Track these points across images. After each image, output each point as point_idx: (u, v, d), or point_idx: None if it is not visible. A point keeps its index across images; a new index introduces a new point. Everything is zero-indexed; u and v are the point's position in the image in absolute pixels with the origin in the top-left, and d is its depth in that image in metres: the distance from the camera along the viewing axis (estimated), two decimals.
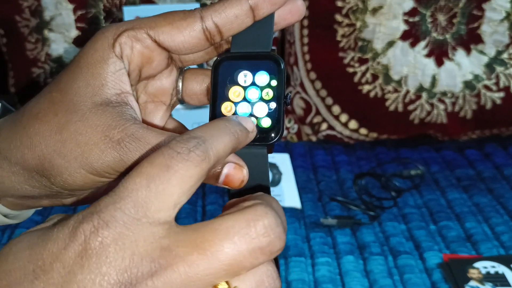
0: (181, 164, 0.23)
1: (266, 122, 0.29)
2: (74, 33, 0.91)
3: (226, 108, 0.30)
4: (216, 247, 0.22)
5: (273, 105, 0.29)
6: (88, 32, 0.91)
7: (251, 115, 0.29)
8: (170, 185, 0.23)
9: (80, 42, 0.91)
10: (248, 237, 0.22)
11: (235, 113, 0.29)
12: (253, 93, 0.29)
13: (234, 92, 0.30)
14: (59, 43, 0.91)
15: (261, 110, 0.29)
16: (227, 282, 0.23)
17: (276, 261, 0.31)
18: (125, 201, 0.23)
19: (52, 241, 0.23)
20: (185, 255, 0.22)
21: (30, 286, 0.23)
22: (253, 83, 0.29)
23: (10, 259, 0.24)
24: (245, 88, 0.30)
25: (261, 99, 0.29)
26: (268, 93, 0.29)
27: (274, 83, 0.29)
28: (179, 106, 0.70)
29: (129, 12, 0.79)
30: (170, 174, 0.23)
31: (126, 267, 0.22)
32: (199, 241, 0.22)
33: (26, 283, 0.23)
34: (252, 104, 0.29)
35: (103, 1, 0.89)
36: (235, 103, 0.30)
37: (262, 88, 0.29)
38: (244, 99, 0.29)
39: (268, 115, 0.29)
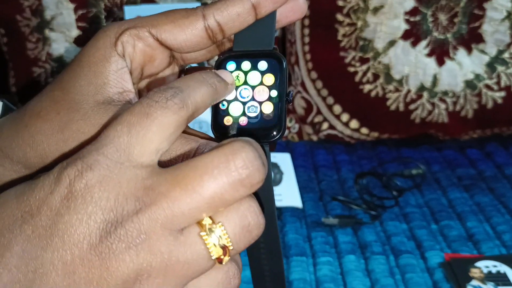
0: (159, 111, 0.24)
1: (271, 120, 0.29)
2: (75, 32, 0.91)
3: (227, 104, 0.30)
4: (197, 182, 0.23)
5: (276, 103, 0.29)
6: (89, 31, 0.91)
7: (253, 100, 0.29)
8: (150, 131, 0.24)
9: (81, 41, 0.91)
10: (227, 170, 0.23)
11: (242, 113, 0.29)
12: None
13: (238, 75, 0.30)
14: (60, 42, 0.91)
15: (267, 108, 0.29)
16: (211, 218, 0.24)
17: (279, 258, 0.31)
18: (108, 147, 0.24)
19: (38, 187, 0.24)
20: (167, 192, 0.23)
21: (19, 230, 0.23)
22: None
23: None
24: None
25: (261, 95, 0.29)
26: (273, 91, 0.29)
27: (277, 81, 0.29)
28: None
29: (130, 12, 0.79)
30: (149, 121, 0.24)
31: (111, 206, 0.23)
32: (180, 178, 0.23)
33: (15, 228, 0.23)
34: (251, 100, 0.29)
35: (104, 0, 0.89)
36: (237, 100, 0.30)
37: (263, 85, 0.29)
38: (251, 98, 0.29)
39: (273, 112, 0.29)
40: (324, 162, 0.86)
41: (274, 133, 0.29)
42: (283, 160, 0.83)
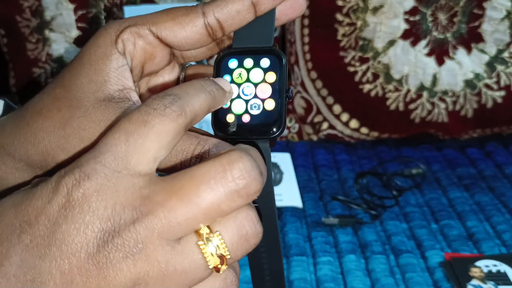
0: (157, 119, 0.24)
1: (271, 116, 0.29)
2: (75, 33, 0.91)
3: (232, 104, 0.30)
4: (194, 192, 0.23)
5: (276, 99, 0.29)
6: (89, 32, 0.91)
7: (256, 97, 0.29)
8: (148, 139, 0.24)
9: (81, 42, 0.91)
10: (224, 180, 0.23)
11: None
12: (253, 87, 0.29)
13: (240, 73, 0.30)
14: (60, 43, 0.92)
15: (267, 104, 0.29)
16: (208, 227, 0.24)
17: (279, 257, 0.31)
18: (105, 155, 0.24)
19: (36, 197, 0.24)
20: (164, 202, 0.23)
21: (17, 240, 0.23)
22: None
23: None
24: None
25: (262, 93, 0.29)
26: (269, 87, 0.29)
27: (277, 77, 0.29)
28: None
29: (130, 12, 0.79)
30: (147, 129, 0.24)
31: (109, 215, 0.23)
32: (177, 188, 0.23)
33: (13, 238, 0.23)
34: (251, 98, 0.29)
35: (103, 0, 0.89)
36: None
37: (263, 82, 0.29)
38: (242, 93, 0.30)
39: (273, 108, 0.29)
40: (324, 161, 0.86)
41: (274, 129, 0.29)
42: (283, 160, 0.83)
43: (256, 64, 0.29)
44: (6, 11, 0.91)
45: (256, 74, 0.29)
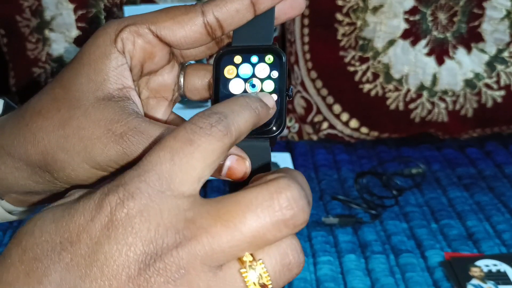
0: (203, 139, 0.23)
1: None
2: (75, 32, 0.91)
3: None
4: (239, 219, 0.22)
5: (275, 97, 0.29)
6: (88, 31, 0.91)
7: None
8: (194, 159, 0.23)
9: (80, 41, 0.91)
10: (271, 209, 0.22)
11: None
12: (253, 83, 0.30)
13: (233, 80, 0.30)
14: (60, 43, 0.92)
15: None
16: (252, 255, 0.23)
17: None
18: (150, 174, 0.23)
19: (78, 213, 0.23)
20: (208, 227, 0.22)
21: (58, 257, 0.23)
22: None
23: (36, 233, 0.24)
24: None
25: (261, 91, 0.29)
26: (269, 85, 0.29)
27: (276, 75, 0.29)
28: (180, 105, 0.70)
29: (130, 12, 0.79)
30: (193, 148, 0.23)
31: (151, 238, 0.22)
32: (222, 212, 0.22)
33: (54, 255, 0.23)
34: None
35: (103, 0, 0.89)
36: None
37: (262, 80, 0.29)
38: (244, 91, 0.30)
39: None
40: (324, 161, 0.86)
41: (274, 128, 0.29)
42: (283, 159, 0.83)
43: (256, 63, 0.29)
44: (6, 11, 0.91)
45: (262, 70, 0.29)
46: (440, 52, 0.86)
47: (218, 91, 0.30)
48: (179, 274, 0.22)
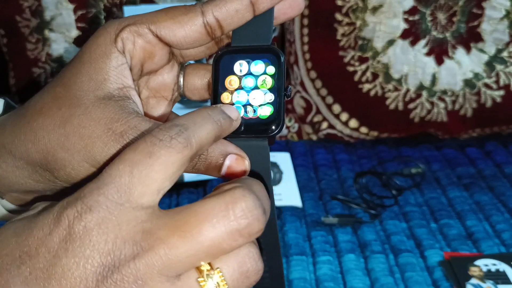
0: (163, 151, 0.24)
1: (266, 112, 0.29)
2: (75, 33, 0.91)
3: (227, 98, 0.30)
4: (196, 230, 0.23)
5: (273, 96, 0.29)
6: (88, 32, 0.91)
7: (249, 104, 0.29)
8: (153, 171, 0.24)
9: (80, 42, 0.91)
10: (226, 219, 0.23)
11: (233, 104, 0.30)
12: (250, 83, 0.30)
13: (231, 81, 0.30)
14: (60, 43, 0.92)
15: (259, 100, 0.29)
16: (209, 264, 0.23)
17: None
18: (109, 187, 0.23)
19: (37, 227, 0.24)
20: (165, 238, 0.23)
21: (17, 271, 0.23)
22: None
23: None
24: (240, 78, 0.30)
25: (259, 90, 0.29)
26: (267, 84, 0.29)
27: (275, 75, 0.29)
28: (180, 105, 0.70)
29: (130, 12, 0.79)
30: (152, 160, 0.24)
31: (109, 250, 0.23)
32: (179, 223, 0.23)
33: (13, 269, 0.23)
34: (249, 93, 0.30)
35: (103, 0, 0.90)
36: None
37: (261, 80, 0.30)
38: (242, 89, 0.30)
39: (272, 107, 0.29)
40: (323, 161, 0.86)
41: (273, 127, 0.29)
42: (282, 159, 0.83)
43: (255, 62, 0.29)
44: (6, 11, 0.91)
45: (257, 70, 0.29)
46: (439, 52, 0.86)
47: (217, 91, 0.30)
48: (137, 285, 0.22)
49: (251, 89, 0.29)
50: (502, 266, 0.61)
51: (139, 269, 0.22)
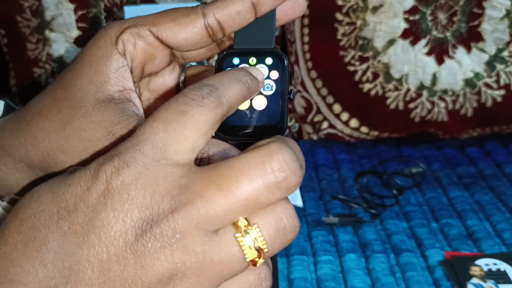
0: (195, 110, 0.24)
1: (274, 117, 0.29)
2: (75, 33, 0.91)
3: None
4: (232, 183, 0.22)
5: (278, 100, 0.29)
6: (89, 32, 0.91)
7: (260, 110, 0.29)
8: (187, 129, 0.24)
9: (81, 42, 0.92)
10: (263, 172, 0.23)
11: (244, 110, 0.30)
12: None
13: None
14: (60, 43, 0.92)
15: (269, 105, 0.29)
16: (246, 219, 0.23)
17: (274, 260, 0.31)
18: (144, 144, 0.23)
19: (74, 183, 0.24)
20: (202, 192, 0.22)
21: (55, 226, 0.23)
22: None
23: (33, 204, 0.24)
24: None
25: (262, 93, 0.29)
26: (272, 88, 0.29)
27: (279, 79, 0.29)
28: None
29: (130, 12, 0.79)
30: (186, 118, 0.24)
31: (147, 204, 0.23)
32: (216, 177, 0.23)
33: (51, 224, 0.23)
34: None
35: (104, 0, 0.90)
36: None
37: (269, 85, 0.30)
38: None
39: (275, 110, 0.29)
40: (324, 161, 0.86)
41: (276, 131, 0.29)
42: None
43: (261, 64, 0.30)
44: (6, 11, 0.91)
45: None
46: (440, 52, 0.86)
47: None
48: (175, 239, 0.22)
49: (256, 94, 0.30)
50: (503, 266, 0.61)
51: (177, 223, 0.22)
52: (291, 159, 0.23)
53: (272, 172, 0.23)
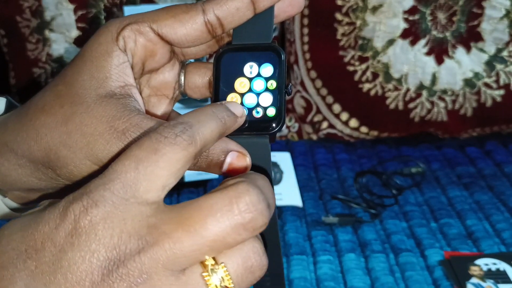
0: (168, 148, 0.24)
1: (271, 112, 0.30)
2: (75, 33, 0.91)
3: (232, 99, 0.30)
4: (200, 224, 0.23)
5: (275, 95, 0.29)
6: (89, 32, 0.91)
7: (258, 105, 0.30)
8: (158, 167, 0.24)
9: (81, 42, 0.92)
10: (230, 213, 0.23)
11: (241, 104, 0.30)
12: (259, 84, 0.30)
13: (241, 83, 0.30)
14: (60, 43, 0.92)
15: (267, 100, 0.30)
16: (214, 258, 0.24)
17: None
18: (114, 182, 0.24)
19: (43, 222, 0.24)
20: (170, 232, 0.23)
21: (23, 265, 0.23)
22: (259, 74, 0.30)
23: (3, 242, 0.24)
24: (250, 79, 0.30)
25: (266, 89, 0.30)
26: (272, 84, 0.30)
27: (276, 73, 0.30)
28: (180, 105, 0.70)
29: (130, 12, 0.79)
30: (157, 156, 0.24)
31: (114, 244, 0.23)
32: (184, 218, 0.23)
33: (19, 263, 0.23)
34: (257, 94, 0.30)
35: (103, 1, 0.90)
36: (242, 94, 0.30)
37: (267, 79, 0.30)
38: (250, 90, 0.30)
39: (273, 105, 0.29)
40: (324, 161, 0.86)
41: (274, 125, 0.29)
42: (283, 159, 0.84)
43: (255, 61, 0.30)
44: (6, 11, 0.91)
45: (256, 71, 0.30)
46: (439, 52, 0.87)
47: (218, 89, 0.30)
48: (142, 279, 0.22)
49: (248, 92, 0.30)
50: (502, 265, 0.61)
51: (144, 263, 0.22)
52: (257, 200, 0.23)
53: (239, 213, 0.23)
